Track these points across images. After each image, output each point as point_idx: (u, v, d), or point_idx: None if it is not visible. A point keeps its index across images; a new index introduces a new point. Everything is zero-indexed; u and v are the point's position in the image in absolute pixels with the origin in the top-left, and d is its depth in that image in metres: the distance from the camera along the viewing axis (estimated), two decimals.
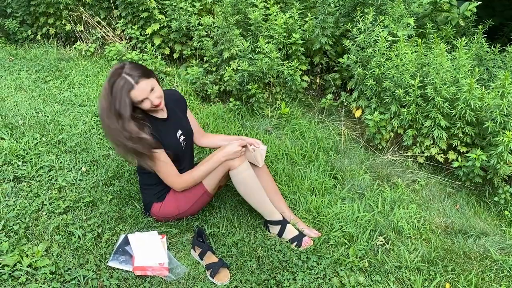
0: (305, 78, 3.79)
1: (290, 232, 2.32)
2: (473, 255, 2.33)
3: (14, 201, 2.40)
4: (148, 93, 2.09)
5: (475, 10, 3.46)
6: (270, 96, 3.71)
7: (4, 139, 2.98)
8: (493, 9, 4.85)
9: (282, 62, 3.55)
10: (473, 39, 3.39)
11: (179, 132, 2.32)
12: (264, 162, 2.43)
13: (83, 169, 2.76)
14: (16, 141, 2.95)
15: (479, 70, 2.93)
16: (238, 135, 3.32)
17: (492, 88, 2.86)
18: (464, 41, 3.00)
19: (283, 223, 2.33)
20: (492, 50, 3.32)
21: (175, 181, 2.24)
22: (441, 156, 2.95)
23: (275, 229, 2.35)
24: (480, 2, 3.44)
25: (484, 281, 2.16)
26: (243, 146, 2.29)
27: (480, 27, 3.36)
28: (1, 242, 2.10)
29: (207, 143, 2.57)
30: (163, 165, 2.19)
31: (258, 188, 2.28)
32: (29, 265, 1.99)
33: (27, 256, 2.03)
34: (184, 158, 2.36)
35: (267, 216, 2.34)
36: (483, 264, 2.27)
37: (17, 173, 2.64)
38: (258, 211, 2.35)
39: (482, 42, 3.30)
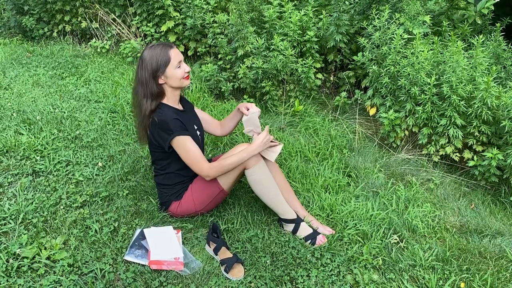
0: (319, 75, 3.78)
1: (304, 230, 2.32)
2: (488, 255, 2.31)
3: (32, 195, 2.45)
4: (181, 58, 2.22)
5: (493, 8, 3.41)
6: (284, 93, 3.71)
7: (23, 134, 3.03)
8: (511, 7, 4.77)
9: (296, 60, 3.55)
10: (490, 37, 3.34)
11: (195, 126, 2.36)
12: (277, 159, 2.44)
13: (100, 164, 2.80)
14: (34, 136, 3.00)
15: (496, 69, 2.89)
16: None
17: (509, 87, 2.83)
18: (481, 39, 2.97)
19: (297, 221, 2.33)
20: (510, 48, 3.28)
21: (204, 168, 2.19)
22: (457, 155, 2.93)
23: (289, 227, 2.35)
24: (498, 0, 3.39)
25: (499, 281, 2.15)
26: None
27: (497, 25, 3.32)
28: (21, 235, 2.15)
29: (225, 130, 2.58)
30: (192, 150, 2.19)
31: (273, 187, 2.29)
32: (48, 258, 2.03)
33: (45, 248, 2.07)
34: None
35: (281, 214, 2.34)
36: (498, 264, 2.25)
37: (35, 167, 2.69)
38: (272, 210, 2.37)
39: (499, 40, 3.26)
